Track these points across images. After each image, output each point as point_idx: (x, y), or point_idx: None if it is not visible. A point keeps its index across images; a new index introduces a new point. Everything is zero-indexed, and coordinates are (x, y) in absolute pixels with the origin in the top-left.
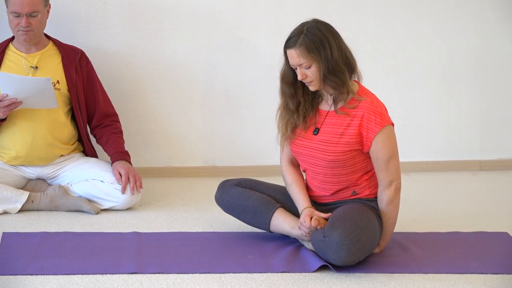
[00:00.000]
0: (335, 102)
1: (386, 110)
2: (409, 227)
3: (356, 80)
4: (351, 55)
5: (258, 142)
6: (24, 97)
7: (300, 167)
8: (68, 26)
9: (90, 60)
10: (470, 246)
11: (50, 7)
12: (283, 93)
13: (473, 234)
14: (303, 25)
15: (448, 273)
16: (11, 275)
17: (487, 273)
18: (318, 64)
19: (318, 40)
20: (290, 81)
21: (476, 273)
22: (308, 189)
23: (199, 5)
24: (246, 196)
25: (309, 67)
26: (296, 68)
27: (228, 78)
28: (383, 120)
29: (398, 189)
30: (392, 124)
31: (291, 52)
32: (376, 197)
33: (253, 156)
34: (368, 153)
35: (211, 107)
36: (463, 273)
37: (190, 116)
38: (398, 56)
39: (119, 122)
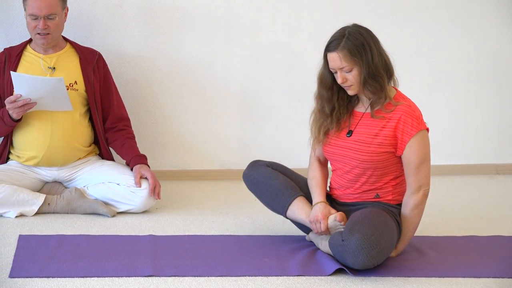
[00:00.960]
0: (372, 106)
1: (422, 116)
2: (426, 231)
3: (393, 86)
4: (390, 61)
5: (274, 145)
6: (37, 97)
7: (330, 165)
8: (85, 29)
9: (107, 62)
10: (486, 250)
11: (67, 10)
12: (320, 96)
13: (490, 238)
14: (344, 29)
15: (464, 277)
16: (27, 277)
17: (504, 277)
18: (359, 68)
19: (360, 44)
20: (329, 85)
21: (493, 277)
22: (332, 187)
23: (215, 8)
24: (273, 176)
25: (350, 71)
26: (336, 72)
27: (244, 81)
28: (419, 124)
29: (425, 195)
30: (427, 130)
31: (333, 55)
32: (397, 204)
33: (269, 159)
34: (400, 157)
35: (227, 110)
36: (480, 277)
37: (206, 119)
38: (415, 58)
39: (131, 128)
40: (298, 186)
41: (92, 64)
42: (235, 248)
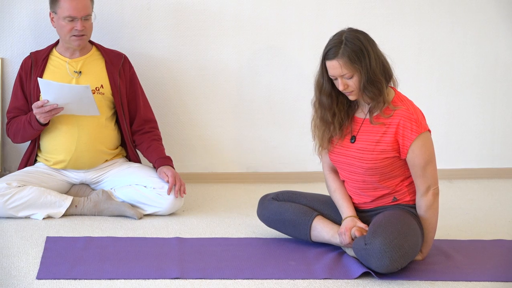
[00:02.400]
0: (370, 112)
1: (423, 117)
2: (453, 235)
3: (392, 86)
4: (387, 62)
5: (300, 148)
6: (64, 103)
7: (339, 176)
8: (112, 32)
9: (134, 65)
10: None
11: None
12: (320, 104)
13: None
14: (340, 34)
15: (491, 281)
16: (54, 279)
17: None
18: (359, 74)
19: (358, 50)
20: (328, 92)
21: None
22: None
23: (242, 10)
24: (283, 210)
25: (351, 77)
26: (336, 79)
27: (271, 84)
28: (419, 127)
29: (436, 194)
30: (429, 131)
31: (333, 63)
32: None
33: (295, 162)
34: (405, 160)
35: (254, 112)
36: (507, 282)
37: (233, 121)
38: (442, 62)
39: (158, 129)
40: (310, 206)
41: (118, 67)
42: (262, 251)
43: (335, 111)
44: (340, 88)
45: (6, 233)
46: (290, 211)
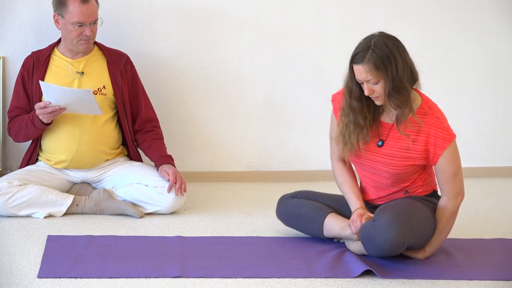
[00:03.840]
0: (397, 120)
1: (448, 123)
2: (454, 233)
3: (419, 90)
4: (415, 69)
5: (302, 147)
6: (66, 104)
7: (356, 172)
8: (113, 31)
9: (135, 64)
10: None
11: None
12: (351, 108)
13: None
14: (370, 39)
15: (492, 280)
16: (55, 277)
17: None
18: (384, 81)
19: (385, 57)
20: (358, 96)
21: None
22: (362, 192)
23: (244, 9)
24: (300, 205)
25: (377, 83)
26: (363, 83)
27: (273, 83)
28: (450, 135)
29: (461, 202)
30: (455, 136)
31: (359, 68)
32: (426, 195)
33: (297, 162)
34: (431, 166)
35: (255, 111)
36: (508, 280)
37: (234, 120)
38: (443, 60)
39: (160, 128)
40: (327, 205)
41: (120, 68)
42: (263, 249)
43: (366, 115)
44: (366, 92)
45: (7, 232)
46: (306, 206)
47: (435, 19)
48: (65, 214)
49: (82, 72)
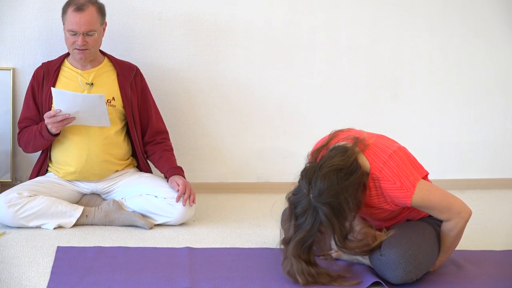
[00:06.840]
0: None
1: (409, 167)
2: (464, 245)
3: (362, 147)
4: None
5: None
6: (76, 113)
7: None
8: (123, 42)
9: (145, 75)
10: None
11: (106, 25)
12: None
13: None
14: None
15: None
16: None
17: None
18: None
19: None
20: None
21: None
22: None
23: (253, 21)
24: None
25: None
26: None
27: (282, 94)
28: (408, 189)
29: (463, 218)
30: (421, 178)
31: None
32: (429, 216)
33: None
34: None
35: (265, 123)
36: None
37: (243, 132)
38: (453, 72)
39: (169, 140)
40: None
41: (130, 80)
42: (273, 261)
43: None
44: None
45: (17, 243)
46: None
47: (444, 31)
48: (75, 225)
49: (92, 84)
